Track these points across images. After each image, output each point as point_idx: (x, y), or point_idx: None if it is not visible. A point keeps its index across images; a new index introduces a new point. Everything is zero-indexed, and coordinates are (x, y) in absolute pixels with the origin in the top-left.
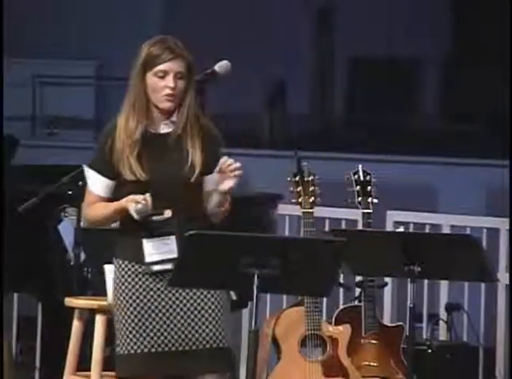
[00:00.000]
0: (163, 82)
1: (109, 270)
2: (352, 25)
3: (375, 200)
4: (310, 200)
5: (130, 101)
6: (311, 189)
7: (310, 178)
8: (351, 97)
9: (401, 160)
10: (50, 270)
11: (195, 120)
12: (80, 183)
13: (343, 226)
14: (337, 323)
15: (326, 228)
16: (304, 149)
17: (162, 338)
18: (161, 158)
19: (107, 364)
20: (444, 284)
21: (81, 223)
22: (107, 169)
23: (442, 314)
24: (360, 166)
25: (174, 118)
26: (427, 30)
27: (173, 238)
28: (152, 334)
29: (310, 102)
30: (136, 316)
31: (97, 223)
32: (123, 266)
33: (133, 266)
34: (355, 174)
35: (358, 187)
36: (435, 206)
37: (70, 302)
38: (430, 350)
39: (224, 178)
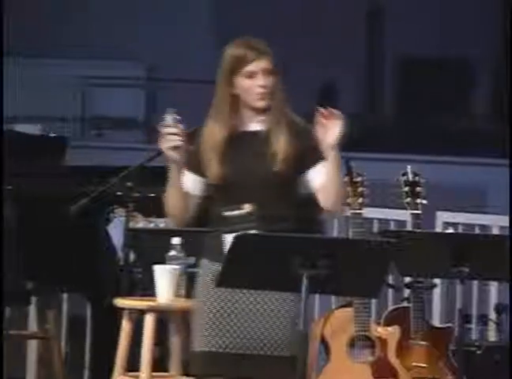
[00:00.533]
0: (253, 82)
1: (158, 270)
2: (403, 25)
3: (424, 201)
4: (359, 201)
5: (216, 104)
6: (360, 189)
7: (359, 179)
8: (401, 97)
9: (450, 161)
10: (100, 270)
11: (285, 118)
12: (129, 184)
13: (391, 227)
14: (386, 324)
15: (375, 229)
16: (353, 150)
17: (232, 339)
18: (248, 155)
19: (156, 364)
20: (493, 285)
21: (130, 224)
22: (194, 167)
23: (492, 315)
24: (409, 167)
25: (262, 116)
26: (477, 30)
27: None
28: (228, 334)
29: (359, 102)
30: (214, 315)
31: (172, 210)
32: (209, 265)
33: (213, 265)
34: (404, 174)
35: (407, 188)
36: (484, 207)
37: (120, 302)
38: (479, 352)
39: (326, 130)
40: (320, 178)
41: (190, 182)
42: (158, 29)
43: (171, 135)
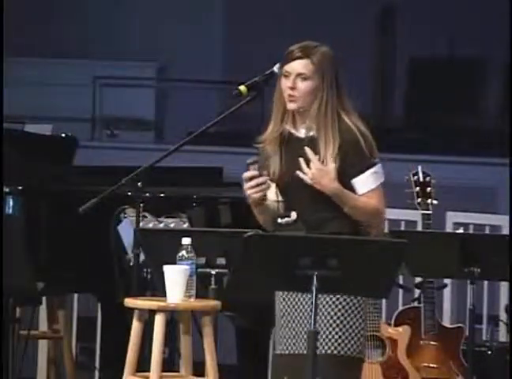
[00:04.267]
0: (286, 82)
1: (168, 270)
2: (414, 26)
3: (435, 202)
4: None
5: (274, 102)
6: None
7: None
8: (411, 97)
9: (461, 161)
10: (110, 270)
11: (331, 123)
12: (140, 184)
13: (402, 227)
14: (397, 324)
15: (386, 229)
16: None
17: (293, 340)
18: (296, 161)
19: (166, 365)
20: (504, 285)
21: (140, 224)
22: (262, 169)
23: (502, 315)
24: (420, 167)
25: (310, 122)
26: (487, 30)
27: None
28: (292, 336)
29: (370, 102)
30: (282, 317)
31: (259, 220)
32: None
33: None
34: (414, 175)
35: (417, 188)
36: (495, 207)
37: (130, 302)
38: (490, 352)
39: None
40: (360, 190)
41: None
42: (170, 30)
43: (255, 186)
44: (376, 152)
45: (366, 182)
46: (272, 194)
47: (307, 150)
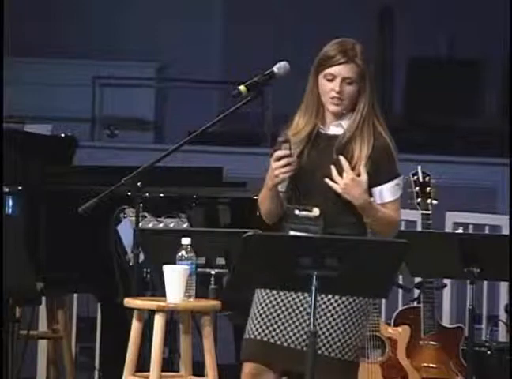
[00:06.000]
0: (330, 85)
1: (168, 270)
2: (414, 26)
3: (435, 202)
4: None
5: (305, 99)
6: None
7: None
8: (411, 97)
9: (461, 161)
10: (110, 270)
11: (368, 127)
12: (140, 184)
13: (402, 227)
14: (396, 324)
15: None
16: None
17: (286, 333)
18: (323, 158)
19: (166, 365)
20: (504, 285)
21: (140, 224)
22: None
23: (502, 315)
24: (419, 167)
25: (344, 121)
26: (487, 30)
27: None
28: (282, 327)
29: None
30: (273, 306)
31: (262, 210)
32: None
33: None
34: (414, 175)
35: (417, 188)
36: (495, 207)
37: (129, 302)
38: (489, 352)
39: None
40: (381, 199)
41: None
42: (170, 29)
43: (285, 166)
44: (398, 164)
45: (389, 192)
46: (280, 185)
47: (341, 159)
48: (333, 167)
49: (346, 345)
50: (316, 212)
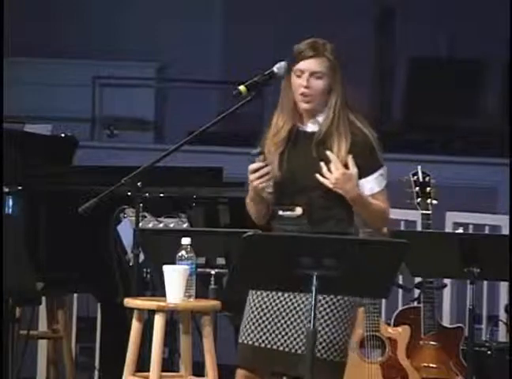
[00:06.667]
0: (299, 81)
1: (168, 270)
2: (414, 26)
3: (435, 202)
4: None
5: (280, 99)
6: None
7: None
8: (411, 98)
9: (461, 161)
10: (110, 271)
11: (344, 123)
12: (139, 184)
13: (402, 227)
14: (396, 324)
15: (385, 229)
16: None
17: (274, 335)
18: (302, 156)
19: (166, 365)
20: (504, 285)
21: (140, 224)
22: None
23: (502, 315)
24: (419, 167)
25: (320, 118)
26: (487, 30)
27: None
28: (272, 330)
29: (370, 102)
30: (263, 310)
31: (251, 211)
32: None
33: None
34: (414, 175)
35: (417, 188)
36: (495, 207)
37: (129, 302)
38: (489, 352)
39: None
40: (367, 190)
41: None
42: (170, 29)
43: (260, 177)
44: (382, 156)
45: (374, 184)
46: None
47: (329, 154)
48: (322, 164)
49: (331, 345)
50: (298, 211)
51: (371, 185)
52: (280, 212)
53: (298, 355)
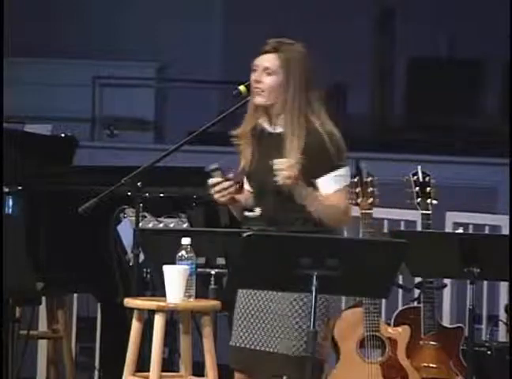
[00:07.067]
0: (253, 75)
1: (168, 270)
2: (414, 26)
3: (435, 202)
4: (369, 201)
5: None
6: (370, 189)
7: (369, 179)
8: (411, 97)
9: (461, 161)
10: (110, 271)
11: (298, 123)
12: (139, 184)
13: (402, 227)
14: (396, 324)
15: (385, 229)
16: (363, 150)
17: (250, 335)
18: (266, 157)
19: (166, 365)
20: (504, 285)
21: (140, 224)
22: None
23: (502, 315)
24: (419, 167)
25: (281, 117)
26: (487, 30)
27: None
28: (245, 330)
29: (369, 102)
30: (240, 311)
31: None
32: None
33: None
34: (414, 175)
35: (417, 188)
36: (495, 207)
37: (129, 302)
38: (489, 352)
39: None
40: (323, 190)
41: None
42: (170, 29)
43: (220, 191)
44: (343, 155)
45: (329, 183)
46: (248, 185)
47: (274, 162)
48: (275, 161)
49: (301, 342)
50: (257, 211)
51: (326, 185)
52: (246, 213)
53: (269, 353)
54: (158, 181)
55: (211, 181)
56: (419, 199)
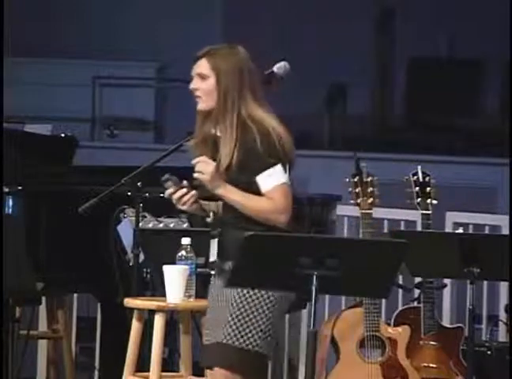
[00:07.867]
0: (191, 84)
1: (168, 270)
2: (414, 26)
3: (435, 202)
4: (369, 201)
5: None
6: (370, 189)
7: (369, 179)
8: (411, 97)
9: (461, 161)
10: (110, 271)
11: (230, 124)
12: (139, 184)
13: (402, 227)
14: (396, 324)
15: (385, 229)
16: (363, 150)
17: (206, 331)
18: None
19: (166, 365)
20: (504, 285)
21: (140, 224)
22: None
23: (502, 315)
24: (419, 167)
25: (216, 121)
26: (487, 30)
27: (215, 240)
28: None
29: (369, 102)
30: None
31: None
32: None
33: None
34: (414, 175)
35: (417, 188)
36: (495, 207)
37: (129, 302)
38: (489, 352)
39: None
40: (262, 188)
41: None
42: (170, 29)
43: (179, 199)
44: (278, 154)
45: (265, 181)
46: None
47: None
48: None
49: (243, 333)
50: (211, 216)
51: (262, 183)
52: (207, 218)
53: (208, 345)
54: (158, 181)
55: (166, 192)
56: (419, 199)
